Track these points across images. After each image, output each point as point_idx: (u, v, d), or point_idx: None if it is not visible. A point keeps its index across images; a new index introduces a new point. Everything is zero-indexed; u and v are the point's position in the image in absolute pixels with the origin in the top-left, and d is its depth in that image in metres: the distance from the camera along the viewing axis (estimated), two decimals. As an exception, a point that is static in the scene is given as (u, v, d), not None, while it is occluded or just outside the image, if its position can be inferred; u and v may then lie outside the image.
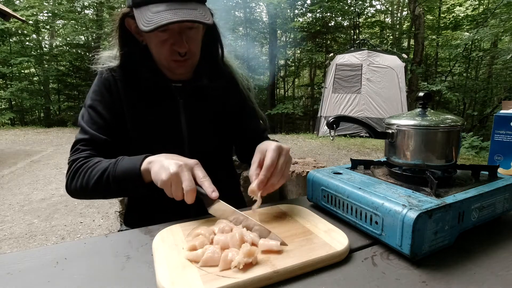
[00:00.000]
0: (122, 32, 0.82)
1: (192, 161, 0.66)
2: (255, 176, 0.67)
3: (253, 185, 0.66)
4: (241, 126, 1.00)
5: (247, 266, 0.49)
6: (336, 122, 0.71)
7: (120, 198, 2.37)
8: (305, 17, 13.07)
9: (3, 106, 12.47)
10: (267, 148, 0.70)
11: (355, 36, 12.68)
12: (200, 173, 0.65)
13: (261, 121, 1.05)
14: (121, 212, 2.48)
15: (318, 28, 12.47)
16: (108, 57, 0.87)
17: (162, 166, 0.64)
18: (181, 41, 0.77)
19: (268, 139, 1.03)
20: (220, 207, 0.65)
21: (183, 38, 0.77)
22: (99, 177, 0.73)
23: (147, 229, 0.68)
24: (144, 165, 0.69)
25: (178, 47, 0.78)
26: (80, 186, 0.76)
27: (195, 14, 0.72)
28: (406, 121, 0.71)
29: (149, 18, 0.71)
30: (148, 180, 0.69)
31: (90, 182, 0.74)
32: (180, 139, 0.88)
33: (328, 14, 12.43)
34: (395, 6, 15.33)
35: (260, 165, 0.69)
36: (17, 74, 11.84)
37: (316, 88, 13.72)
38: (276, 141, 0.81)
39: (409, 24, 12.87)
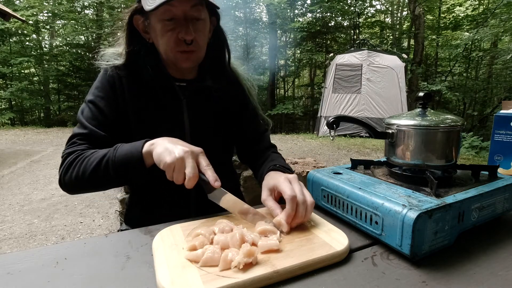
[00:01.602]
0: (130, 31, 0.82)
1: (197, 149, 0.68)
2: (279, 210, 0.65)
3: (278, 218, 0.63)
4: (242, 127, 1.00)
5: (247, 266, 0.49)
6: (336, 122, 0.71)
7: (121, 198, 2.37)
8: (305, 17, 13.06)
9: (3, 106, 12.46)
10: (277, 183, 0.68)
11: (355, 36, 12.68)
12: (204, 161, 0.67)
13: (262, 122, 1.05)
14: (121, 211, 2.48)
15: (318, 28, 12.46)
16: (113, 54, 0.87)
17: (166, 148, 0.65)
18: (187, 28, 0.77)
19: (269, 140, 1.04)
20: (226, 197, 0.67)
21: (190, 26, 0.78)
22: (97, 165, 0.71)
23: (147, 229, 0.68)
24: (146, 148, 0.69)
25: (184, 34, 0.78)
26: (76, 177, 0.73)
27: None
28: (406, 121, 0.71)
29: None
30: (150, 163, 0.69)
31: (87, 171, 0.71)
32: (182, 139, 0.88)
33: (328, 14, 12.41)
34: (395, 6, 15.33)
35: (275, 199, 0.69)
36: (17, 74, 11.83)
37: (316, 88, 13.71)
38: (281, 166, 0.82)
39: (409, 24, 12.87)
